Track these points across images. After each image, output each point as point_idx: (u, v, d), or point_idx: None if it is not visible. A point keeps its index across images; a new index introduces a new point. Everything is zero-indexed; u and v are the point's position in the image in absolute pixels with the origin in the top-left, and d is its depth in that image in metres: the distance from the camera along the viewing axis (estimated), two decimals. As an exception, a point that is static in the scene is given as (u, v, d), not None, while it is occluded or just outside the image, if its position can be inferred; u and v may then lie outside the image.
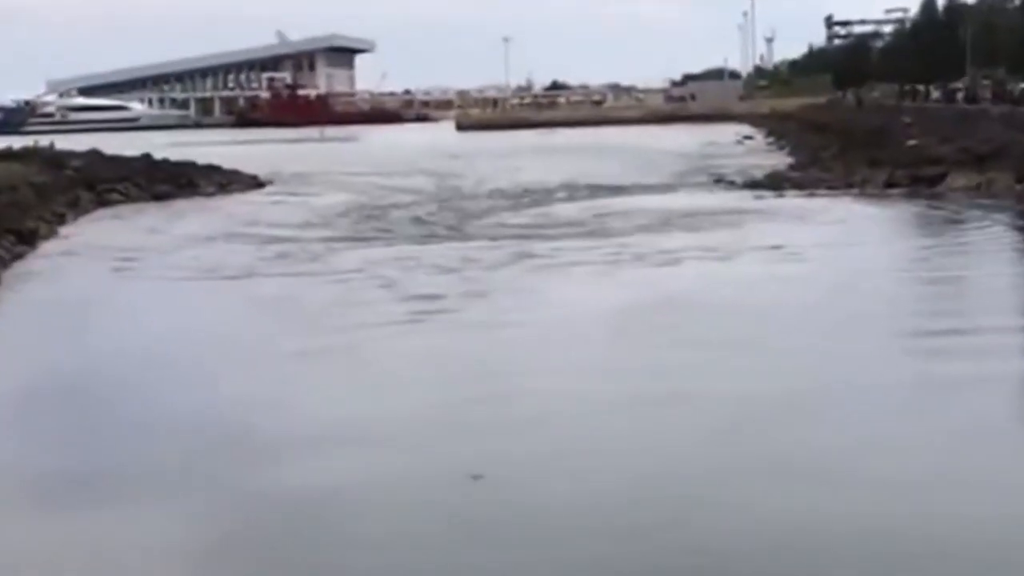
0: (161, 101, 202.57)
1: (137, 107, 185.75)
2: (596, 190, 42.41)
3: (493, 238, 28.46)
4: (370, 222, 33.56)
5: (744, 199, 36.86)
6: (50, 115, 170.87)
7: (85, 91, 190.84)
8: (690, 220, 30.80)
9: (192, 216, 37.35)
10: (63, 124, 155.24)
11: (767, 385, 13.37)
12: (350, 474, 10.81)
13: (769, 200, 36.26)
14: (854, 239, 26.69)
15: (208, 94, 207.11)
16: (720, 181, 44.54)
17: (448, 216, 34.49)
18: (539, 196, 40.48)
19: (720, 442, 11.33)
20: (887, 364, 14.46)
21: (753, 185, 41.33)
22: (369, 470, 10.90)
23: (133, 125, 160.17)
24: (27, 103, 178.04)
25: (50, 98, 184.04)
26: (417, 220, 33.71)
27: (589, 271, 22.75)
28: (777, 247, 25.05)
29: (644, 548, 8.99)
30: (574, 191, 42.19)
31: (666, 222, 30.57)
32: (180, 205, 41.97)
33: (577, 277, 22.13)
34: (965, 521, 9.38)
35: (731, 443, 11.28)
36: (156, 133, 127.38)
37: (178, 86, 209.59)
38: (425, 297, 19.93)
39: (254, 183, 50.36)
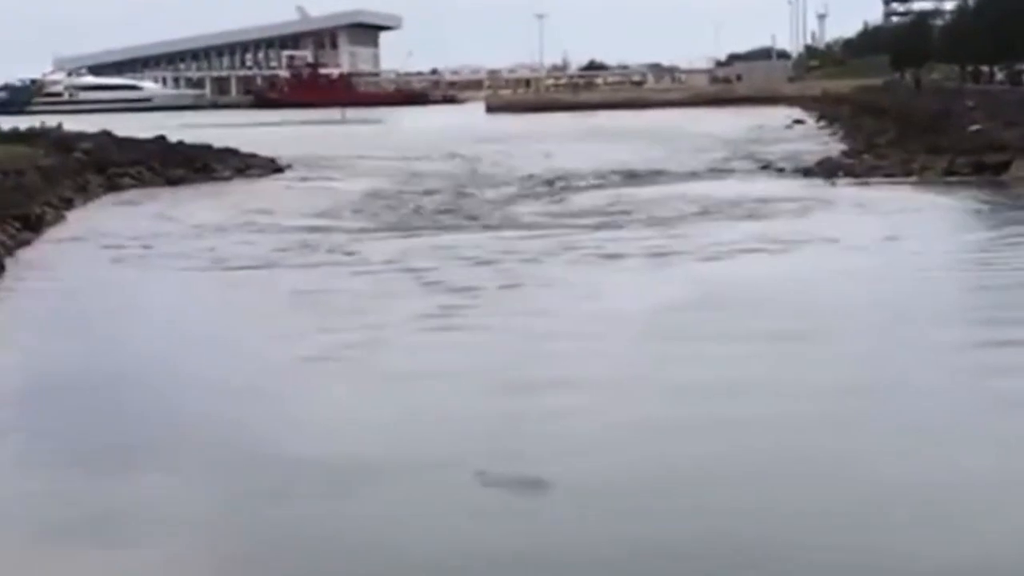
0: (175, 80, 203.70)
1: (150, 86, 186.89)
2: (637, 177, 42.36)
3: (529, 227, 28.37)
4: (396, 210, 33.55)
5: (795, 187, 36.71)
6: (58, 94, 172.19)
7: (95, 69, 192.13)
8: (739, 209, 30.64)
9: (207, 202, 37.41)
10: (72, 104, 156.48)
11: (825, 407, 12.81)
12: (359, 503, 10.54)
13: (821, 188, 36.09)
14: (915, 232, 26.39)
15: (225, 73, 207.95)
16: (767, 168, 44.57)
17: (479, 204, 34.43)
18: (577, 183, 40.43)
19: (766, 484, 10.74)
20: (955, 382, 13.88)
21: (804, 172, 41.21)
22: (382, 501, 10.56)
23: (146, 105, 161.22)
24: (33, 81, 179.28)
25: (58, 76, 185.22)
26: (446, 208, 33.68)
27: (633, 264, 22.59)
28: (833, 240, 24.81)
29: None
30: (614, 178, 42.12)
31: (714, 211, 30.42)
32: (195, 190, 42.09)
33: (620, 272, 21.93)
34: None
35: (779, 486, 10.73)
36: (170, 114, 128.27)
37: (193, 64, 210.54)
38: (458, 291, 19.82)
39: (273, 167, 50.55)
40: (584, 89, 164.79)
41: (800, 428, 12.18)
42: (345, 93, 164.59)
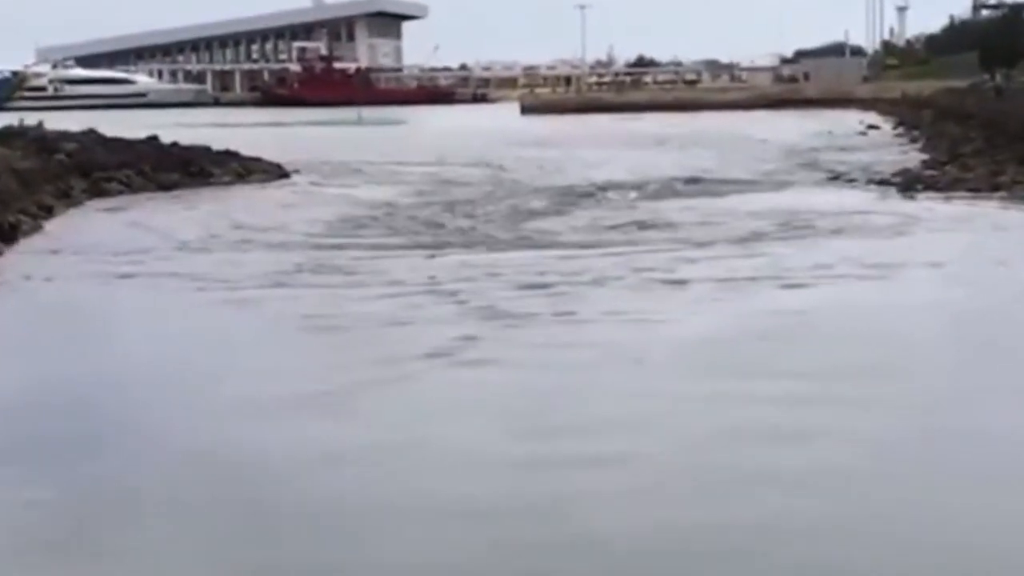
0: (173, 74, 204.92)
1: (144, 80, 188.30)
2: (691, 189, 42.26)
3: (570, 246, 28.06)
4: (419, 224, 33.30)
5: (868, 201, 36.47)
6: (41, 89, 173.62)
7: (83, 61, 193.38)
8: (805, 227, 30.27)
9: (204, 210, 37.40)
10: (56, 100, 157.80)
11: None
12: None
13: (897, 203, 35.82)
14: (1007, 256, 25.92)
15: (228, 66, 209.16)
16: (837, 179, 44.57)
17: (513, 218, 34.17)
18: (623, 195, 40.27)
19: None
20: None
21: (879, 184, 41.16)
22: None
23: (139, 101, 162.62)
24: (14, 74, 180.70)
25: (42, 68, 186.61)
26: (476, 222, 33.40)
27: (700, 293, 21.76)
28: (935, 264, 24.25)
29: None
30: (667, 190, 41.96)
31: (779, 229, 30.00)
32: (191, 197, 42.11)
33: (688, 303, 21.03)
34: None
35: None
36: (166, 111, 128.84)
37: (193, 56, 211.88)
38: (491, 319, 19.41)
39: (279, 173, 50.62)
40: (631, 88, 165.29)
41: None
42: (363, 90, 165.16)
